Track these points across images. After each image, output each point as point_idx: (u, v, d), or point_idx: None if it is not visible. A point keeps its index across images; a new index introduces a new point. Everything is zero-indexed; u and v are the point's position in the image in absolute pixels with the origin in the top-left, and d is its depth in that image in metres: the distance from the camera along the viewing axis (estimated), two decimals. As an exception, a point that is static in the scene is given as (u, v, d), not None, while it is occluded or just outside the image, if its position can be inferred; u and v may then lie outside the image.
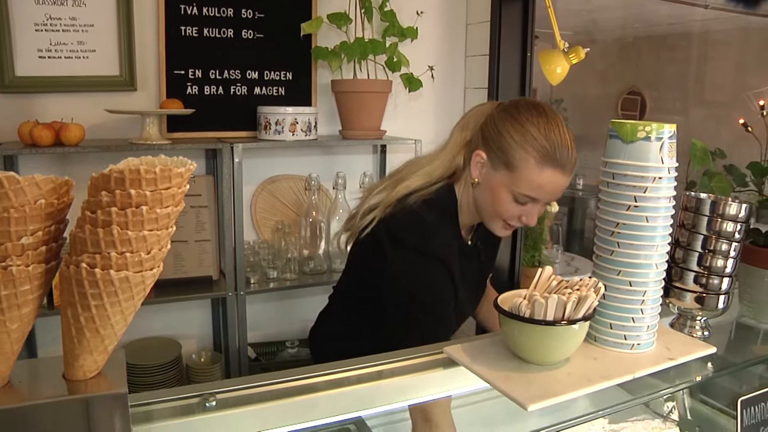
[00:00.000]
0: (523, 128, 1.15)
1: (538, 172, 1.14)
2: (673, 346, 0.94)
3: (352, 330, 1.44)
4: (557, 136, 1.14)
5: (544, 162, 1.13)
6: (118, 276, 0.55)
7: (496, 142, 1.18)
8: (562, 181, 1.16)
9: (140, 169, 0.53)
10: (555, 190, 1.16)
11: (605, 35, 4.14)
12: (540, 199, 1.17)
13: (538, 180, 1.14)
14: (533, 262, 2.89)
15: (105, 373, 0.63)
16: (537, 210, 1.20)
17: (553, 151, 1.13)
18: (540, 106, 1.19)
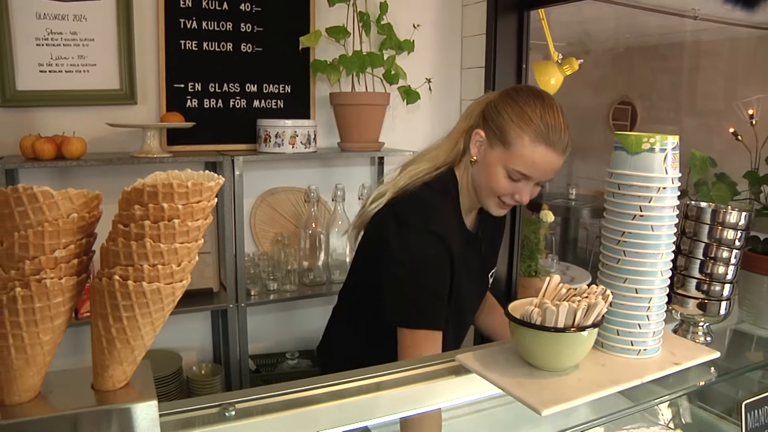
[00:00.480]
0: (521, 109, 1.24)
1: (531, 150, 1.21)
2: (678, 351, 0.96)
3: (359, 334, 1.46)
4: (552, 118, 1.22)
5: (537, 140, 1.21)
6: (150, 288, 0.57)
7: (495, 122, 1.26)
8: (554, 161, 1.23)
9: (173, 183, 0.55)
10: (547, 169, 1.23)
11: (597, 46, 4.20)
12: (532, 177, 1.24)
13: (532, 157, 1.22)
14: (530, 272, 2.92)
15: (133, 384, 0.64)
16: (529, 189, 1.26)
17: (546, 131, 1.21)
18: (539, 91, 1.29)
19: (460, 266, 1.31)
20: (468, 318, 1.48)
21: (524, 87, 1.32)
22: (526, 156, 1.22)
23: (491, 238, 1.49)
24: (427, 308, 1.25)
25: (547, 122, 1.21)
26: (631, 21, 3.62)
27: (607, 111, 4.41)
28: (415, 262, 1.25)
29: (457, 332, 1.45)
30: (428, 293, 1.25)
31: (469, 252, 1.38)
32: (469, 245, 1.37)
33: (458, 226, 1.34)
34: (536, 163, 1.22)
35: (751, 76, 3.63)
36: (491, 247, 1.51)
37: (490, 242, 1.49)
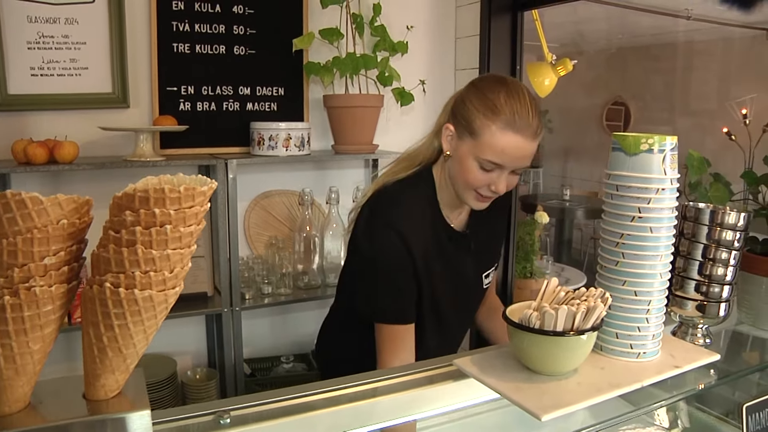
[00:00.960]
0: (484, 97, 1.22)
1: (499, 137, 1.19)
2: (678, 354, 0.95)
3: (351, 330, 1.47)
4: (517, 103, 1.20)
5: (504, 127, 1.19)
6: (142, 295, 0.56)
7: (461, 114, 1.25)
8: (523, 146, 1.20)
9: (165, 188, 0.54)
10: (518, 155, 1.20)
11: (590, 46, 4.21)
12: (504, 165, 1.21)
13: (500, 144, 1.19)
14: (525, 274, 2.91)
15: (125, 393, 0.63)
16: (504, 178, 1.24)
17: (512, 117, 1.18)
18: (502, 78, 1.27)
19: (433, 265, 1.31)
20: (451, 321, 1.43)
21: (488, 75, 1.31)
22: (495, 144, 1.20)
23: (487, 237, 1.46)
24: (392, 303, 1.29)
25: (512, 107, 1.19)
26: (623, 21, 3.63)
27: (601, 112, 4.41)
28: (376, 258, 1.28)
29: (440, 336, 1.41)
30: (391, 288, 1.28)
31: (452, 250, 1.36)
32: (452, 243, 1.36)
33: (434, 223, 1.33)
34: (505, 150, 1.19)
35: (744, 76, 3.64)
36: (486, 247, 1.47)
37: (485, 241, 1.45)
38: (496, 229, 1.51)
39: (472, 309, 1.54)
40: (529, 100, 1.21)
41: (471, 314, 1.55)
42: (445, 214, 1.36)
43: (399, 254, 1.26)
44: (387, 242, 1.26)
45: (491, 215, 1.44)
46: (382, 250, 1.27)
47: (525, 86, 1.25)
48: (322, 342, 1.64)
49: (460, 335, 1.54)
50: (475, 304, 1.54)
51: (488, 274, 1.49)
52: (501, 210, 1.48)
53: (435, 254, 1.31)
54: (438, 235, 1.33)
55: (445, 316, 1.40)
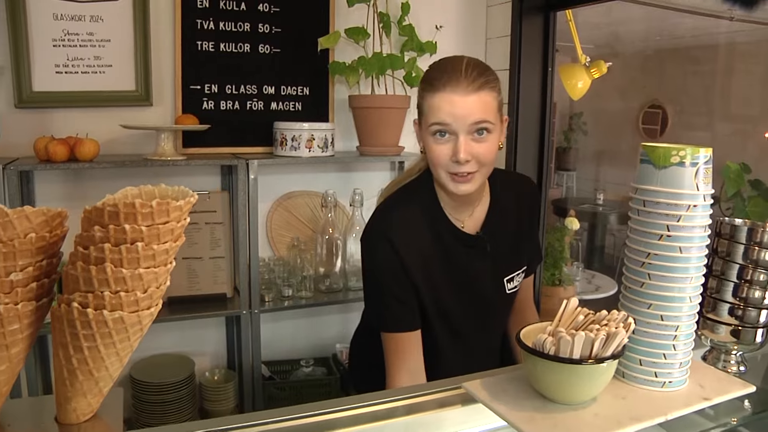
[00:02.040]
0: (423, 78, 1.22)
1: (430, 100, 1.17)
2: (708, 384, 0.88)
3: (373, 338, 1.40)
4: (447, 65, 1.18)
5: (432, 89, 1.17)
6: (112, 317, 0.52)
7: (417, 104, 1.25)
8: (457, 100, 1.15)
9: (135, 202, 0.49)
10: (455, 111, 1.15)
11: (626, 48, 4.08)
12: (449, 124, 1.17)
13: (436, 105, 1.17)
14: (553, 281, 2.83)
15: (101, 416, 0.59)
16: (462, 143, 1.17)
17: (440, 77, 1.16)
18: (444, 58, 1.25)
19: (435, 271, 1.27)
20: (467, 331, 1.36)
21: None
22: (433, 107, 1.17)
23: (510, 237, 1.38)
24: (390, 311, 1.27)
25: (441, 70, 1.17)
26: (661, 23, 3.49)
27: (637, 115, 4.27)
28: (372, 269, 1.28)
29: (458, 347, 1.35)
30: (387, 297, 1.26)
31: (462, 254, 1.30)
32: (462, 247, 1.30)
33: (436, 228, 1.29)
34: (441, 107, 1.16)
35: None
36: (508, 248, 1.38)
37: (507, 242, 1.37)
38: (521, 227, 1.41)
39: (494, 317, 1.44)
40: (464, 59, 1.19)
41: (493, 323, 1.45)
42: (452, 217, 1.31)
43: (392, 264, 1.23)
44: (380, 252, 1.24)
45: (515, 214, 1.38)
46: (375, 260, 1.26)
47: (470, 57, 1.22)
48: (352, 345, 1.63)
49: (485, 347, 1.44)
50: (499, 311, 1.44)
51: (512, 278, 1.39)
52: (528, 209, 1.42)
53: (439, 259, 1.27)
54: (442, 240, 1.28)
55: (458, 325, 1.34)
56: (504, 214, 1.35)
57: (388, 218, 1.28)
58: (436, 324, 1.30)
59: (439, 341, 1.32)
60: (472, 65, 1.17)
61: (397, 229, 1.25)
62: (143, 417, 2.07)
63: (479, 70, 1.17)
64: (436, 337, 1.31)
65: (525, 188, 1.44)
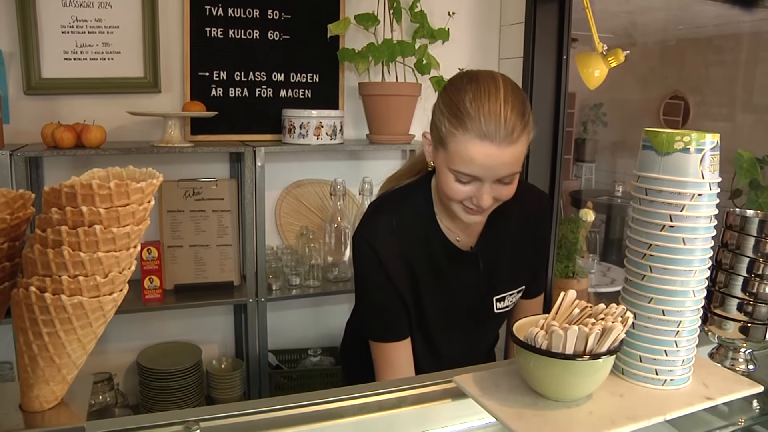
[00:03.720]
0: (450, 101, 1.06)
1: (464, 146, 1.03)
2: (712, 383, 0.84)
3: None
4: (484, 105, 1.02)
5: (469, 135, 1.02)
6: (71, 301, 0.50)
7: (433, 121, 1.11)
8: (495, 154, 1.02)
9: (93, 183, 0.47)
10: (490, 165, 1.03)
11: (647, 38, 3.98)
12: (480, 176, 1.05)
13: (467, 154, 1.03)
14: (567, 273, 2.77)
15: (67, 403, 0.57)
16: (487, 191, 1.06)
17: (478, 122, 1.01)
18: (475, 75, 1.08)
19: (421, 283, 1.19)
20: (445, 348, 1.28)
21: (462, 72, 1.12)
22: (462, 153, 1.03)
23: (508, 256, 1.28)
24: (374, 319, 1.22)
25: (479, 110, 1.02)
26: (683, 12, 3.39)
27: (658, 106, 4.18)
28: (360, 274, 1.21)
29: (437, 364, 1.26)
30: (371, 304, 1.21)
31: (451, 269, 1.22)
32: (451, 261, 1.22)
33: (428, 238, 1.20)
34: (474, 160, 1.03)
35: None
36: (504, 268, 1.28)
37: (503, 262, 1.27)
38: (523, 245, 1.30)
39: (477, 334, 1.34)
40: (504, 97, 1.03)
41: (474, 342, 1.35)
42: (446, 228, 1.22)
43: (377, 273, 1.17)
44: (365, 261, 1.18)
45: (517, 230, 1.27)
46: (362, 268, 1.20)
47: (505, 80, 1.07)
48: (344, 339, 1.60)
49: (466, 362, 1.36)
50: (483, 329, 1.34)
51: (503, 298, 1.29)
52: (534, 227, 1.31)
53: (425, 270, 1.20)
54: (432, 251, 1.21)
55: (438, 342, 1.27)
56: (504, 229, 1.25)
57: (375, 224, 1.21)
58: (414, 335, 1.24)
59: (416, 353, 1.25)
60: (511, 103, 1.03)
61: (384, 236, 1.17)
62: (150, 404, 2.08)
63: (518, 111, 1.04)
64: (414, 350, 1.24)
65: (534, 204, 1.33)
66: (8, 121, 1.96)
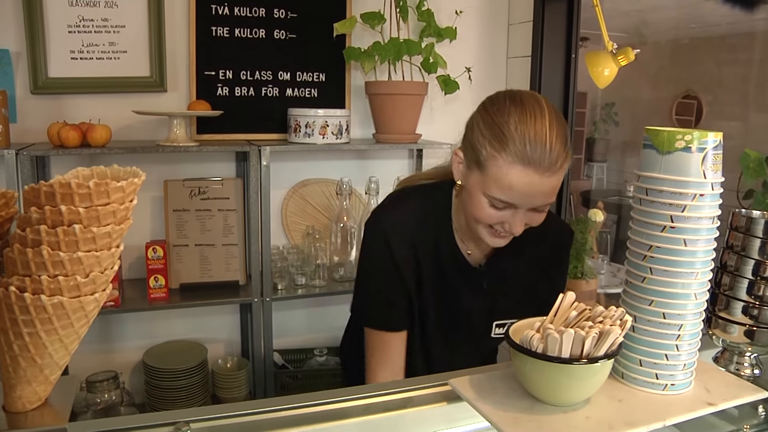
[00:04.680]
0: (492, 121, 1.01)
1: (506, 171, 0.99)
2: (715, 388, 0.82)
3: None
4: (530, 129, 0.98)
5: (512, 160, 0.98)
6: (51, 302, 0.49)
7: (469, 139, 1.07)
8: (537, 182, 0.98)
9: (72, 182, 0.46)
10: (530, 193, 0.99)
11: (659, 36, 3.94)
12: (516, 204, 1.01)
13: (507, 180, 0.99)
14: (575, 274, 2.75)
15: (51, 404, 0.57)
16: (520, 218, 1.03)
17: (522, 147, 0.97)
18: (519, 96, 1.04)
19: (425, 281, 1.17)
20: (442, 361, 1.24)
21: (502, 93, 1.07)
22: (501, 179, 0.99)
23: (516, 284, 1.24)
24: (373, 306, 1.20)
25: (523, 135, 0.97)
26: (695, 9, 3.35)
27: (671, 105, 4.13)
28: (367, 264, 1.21)
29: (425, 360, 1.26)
30: (372, 291, 1.20)
31: (456, 282, 1.19)
32: (458, 274, 1.19)
33: (440, 244, 1.18)
34: (514, 187, 0.99)
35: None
36: (510, 294, 1.24)
37: (510, 288, 1.24)
38: (536, 277, 1.25)
39: (472, 356, 1.30)
40: (549, 123, 0.99)
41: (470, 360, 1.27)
42: (460, 240, 1.20)
43: (386, 264, 1.15)
44: (374, 242, 1.17)
45: (532, 260, 1.23)
46: (371, 256, 1.19)
47: (548, 105, 1.02)
48: (343, 340, 1.58)
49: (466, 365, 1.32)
50: (478, 351, 1.31)
51: (504, 325, 1.25)
52: (551, 258, 1.27)
53: (431, 272, 1.18)
54: (440, 255, 1.18)
55: (435, 352, 1.24)
56: (518, 256, 1.20)
57: (391, 215, 1.19)
58: (414, 337, 1.22)
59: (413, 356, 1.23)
60: (556, 129, 0.99)
61: (398, 228, 1.16)
62: (155, 403, 2.08)
63: (562, 138, 1.00)
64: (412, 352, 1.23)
65: (553, 236, 1.27)
66: (15, 120, 1.97)
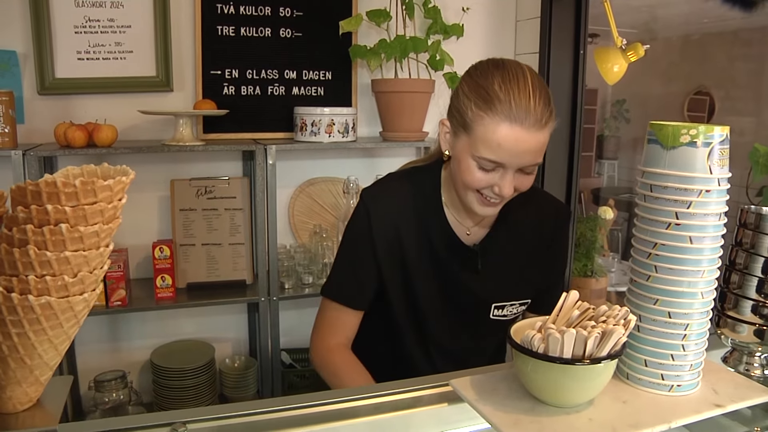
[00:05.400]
0: (477, 84, 1.04)
1: (493, 130, 1.01)
2: (723, 389, 0.80)
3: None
4: (514, 88, 1.01)
5: (498, 118, 1.01)
6: (39, 302, 0.48)
7: (455, 105, 1.09)
8: (524, 138, 1.00)
9: (57, 181, 0.46)
10: (517, 150, 1.01)
11: (670, 32, 3.89)
12: (505, 163, 1.03)
13: (495, 138, 1.01)
14: (585, 272, 2.72)
15: (43, 404, 0.56)
16: (509, 179, 1.05)
17: (508, 105, 1.00)
18: (501, 61, 1.07)
19: (411, 260, 1.18)
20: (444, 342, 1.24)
21: (485, 60, 1.10)
22: (489, 138, 1.01)
23: (515, 263, 1.23)
24: (336, 276, 1.23)
25: (508, 93, 1.00)
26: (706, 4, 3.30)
27: (683, 101, 4.09)
28: (344, 236, 1.23)
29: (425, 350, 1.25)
30: (343, 262, 1.22)
31: (447, 261, 1.19)
32: (449, 253, 1.19)
33: (428, 222, 1.19)
34: (502, 145, 1.01)
35: None
36: (507, 274, 1.23)
37: (508, 268, 1.23)
38: (534, 256, 1.26)
39: (471, 341, 1.27)
40: (532, 83, 1.02)
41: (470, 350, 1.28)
42: (453, 220, 1.20)
43: (361, 229, 1.18)
44: (356, 215, 1.20)
45: (530, 239, 1.23)
46: (350, 221, 1.22)
47: (530, 69, 1.06)
48: None
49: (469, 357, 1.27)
50: (477, 336, 1.28)
51: (503, 306, 1.23)
52: (549, 238, 1.27)
53: (418, 253, 1.18)
54: (430, 236, 1.18)
55: (434, 338, 1.23)
56: (514, 235, 1.22)
57: (376, 189, 1.22)
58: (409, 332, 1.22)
59: (407, 345, 1.23)
60: (539, 90, 1.03)
61: (381, 203, 1.18)
62: (163, 402, 2.08)
63: (545, 98, 1.03)
64: (405, 340, 1.23)
65: (551, 214, 1.28)
66: (23, 121, 1.98)
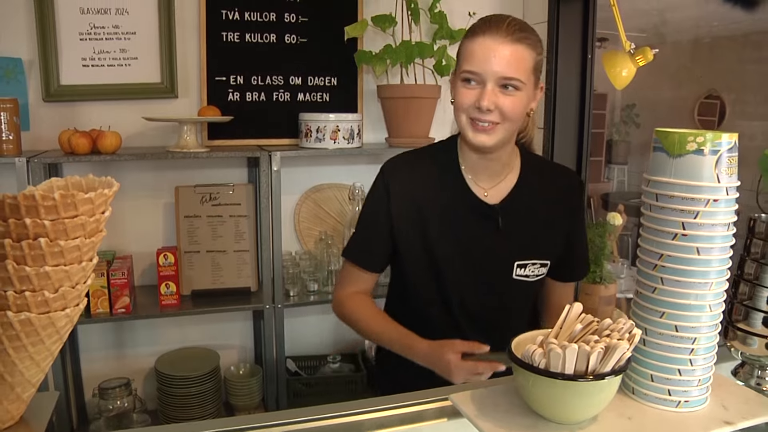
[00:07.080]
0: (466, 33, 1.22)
1: (469, 45, 1.18)
2: (733, 405, 0.77)
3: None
4: (492, 18, 1.19)
5: (472, 35, 1.18)
6: (18, 318, 0.47)
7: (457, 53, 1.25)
8: (492, 45, 1.14)
9: (36, 194, 0.44)
10: (487, 56, 1.14)
11: (680, 35, 3.85)
12: (480, 72, 1.15)
13: (469, 49, 1.17)
14: (594, 278, 2.69)
15: (27, 422, 0.55)
16: (488, 90, 1.16)
17: (482, 23, 1.18)
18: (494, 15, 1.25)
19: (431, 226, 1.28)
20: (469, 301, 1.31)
21: None
22: (466, 53, 1.18)
23: (533, 222, 1.31)
24: (356, 241, 1.36)
25: (485, 20, 1.18)
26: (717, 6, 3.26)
27: (693, 106, 4.04)
28: (365, 199, 1.37)
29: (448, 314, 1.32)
30: (360, 225, 1.36)
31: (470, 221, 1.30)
32: (472, 214, 1.29)
33: (448, 186, 1.30)
34: (475, 53, 1.16)
35: None
36: (527, 232, 1.31)
37: (528, 226, 1.31)
38: (552, 218, 1.34)
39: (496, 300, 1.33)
40: (512, 17, 1.18)
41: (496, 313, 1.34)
42: (472, 180, 1.31)
43: (380, 203, 1.30)
44: (375, 183, 1.33)
45: (547, 201, 1.33)
46: (370, 193, 1.35)
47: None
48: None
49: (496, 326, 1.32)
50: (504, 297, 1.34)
51: (525, 265, 1.31)
52: (566, 203, 1.36)
53: (440, 219, 1.28)
54: (449, 200, 1.29)
55: (456, 299, 1.30)
56: (532, 196, 1.32)
57: (395, 162, 1.34)
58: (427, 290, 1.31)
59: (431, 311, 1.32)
60: (517, 21, 1.18)
61: (399, 172, 1.31)
62: (168, 410, 2.07)
63: (522, 26, 1.17)
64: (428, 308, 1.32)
65: (565, 180, 1.38)
66: (28, 128, 1.98)
